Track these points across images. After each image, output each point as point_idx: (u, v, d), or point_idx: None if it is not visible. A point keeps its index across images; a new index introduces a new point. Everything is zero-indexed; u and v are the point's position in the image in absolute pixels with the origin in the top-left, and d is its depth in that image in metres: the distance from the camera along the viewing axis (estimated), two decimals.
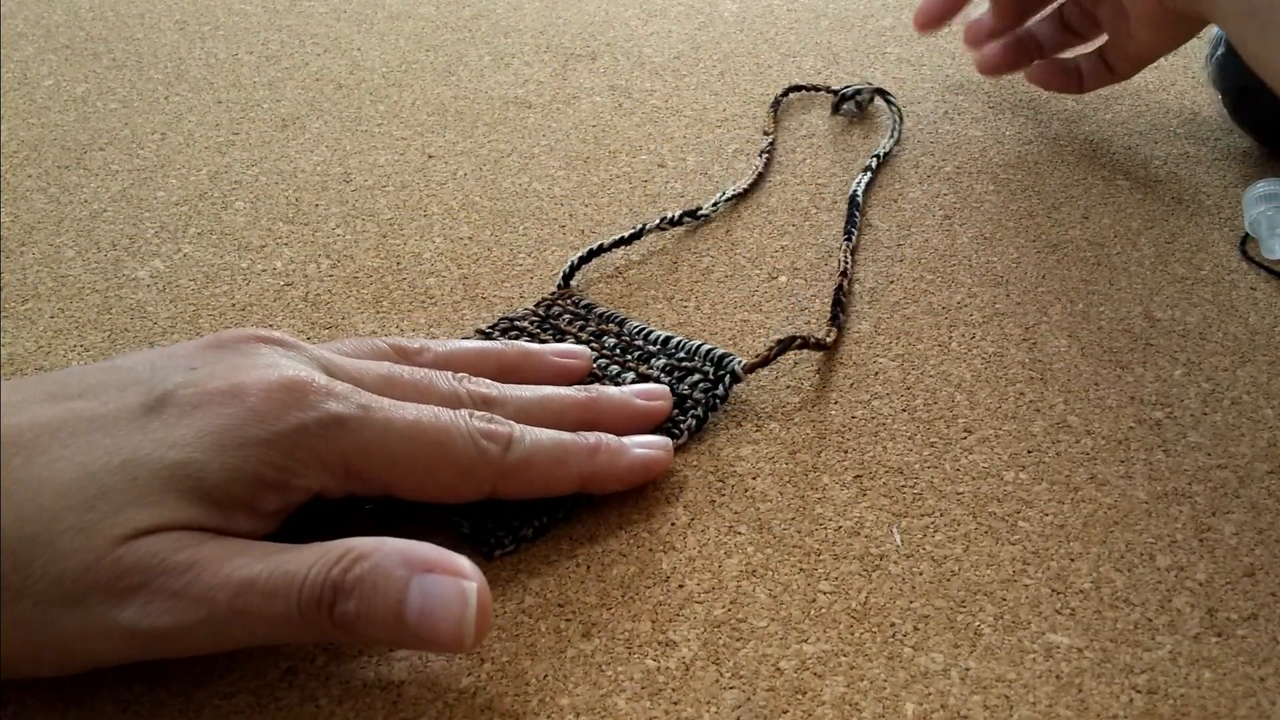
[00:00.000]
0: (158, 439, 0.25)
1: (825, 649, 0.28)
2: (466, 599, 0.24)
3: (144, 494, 0.24)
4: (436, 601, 0.24)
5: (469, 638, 0.24)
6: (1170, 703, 0.26)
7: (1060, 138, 0.52)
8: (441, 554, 0.25)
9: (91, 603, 0.23)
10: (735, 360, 0.35)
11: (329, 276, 0.42)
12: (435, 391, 0.30)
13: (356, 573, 0.24)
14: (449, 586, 0.24)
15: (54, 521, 0.23)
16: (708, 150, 0.51)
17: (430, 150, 0.51)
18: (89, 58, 0.59)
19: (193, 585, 0.24)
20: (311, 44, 0.62)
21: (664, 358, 0.36)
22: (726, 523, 0.31)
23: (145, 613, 0.23)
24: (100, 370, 0.27)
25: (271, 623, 0.24)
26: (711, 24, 0.65)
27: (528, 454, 0.29)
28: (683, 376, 0.35)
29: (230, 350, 0.28)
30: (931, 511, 0.32)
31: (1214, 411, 0.35)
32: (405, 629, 0.24)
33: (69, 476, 0.24)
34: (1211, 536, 0.31)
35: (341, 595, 0.24)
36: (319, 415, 0.26)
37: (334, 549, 0.25)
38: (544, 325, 0.38)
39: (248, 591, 0.24)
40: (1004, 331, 0.39)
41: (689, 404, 0.34)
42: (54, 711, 0.26)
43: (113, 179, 0.48)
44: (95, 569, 0.23)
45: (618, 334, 0.37)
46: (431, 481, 0.28)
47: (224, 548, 0.25)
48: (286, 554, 0.25)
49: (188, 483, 0.25)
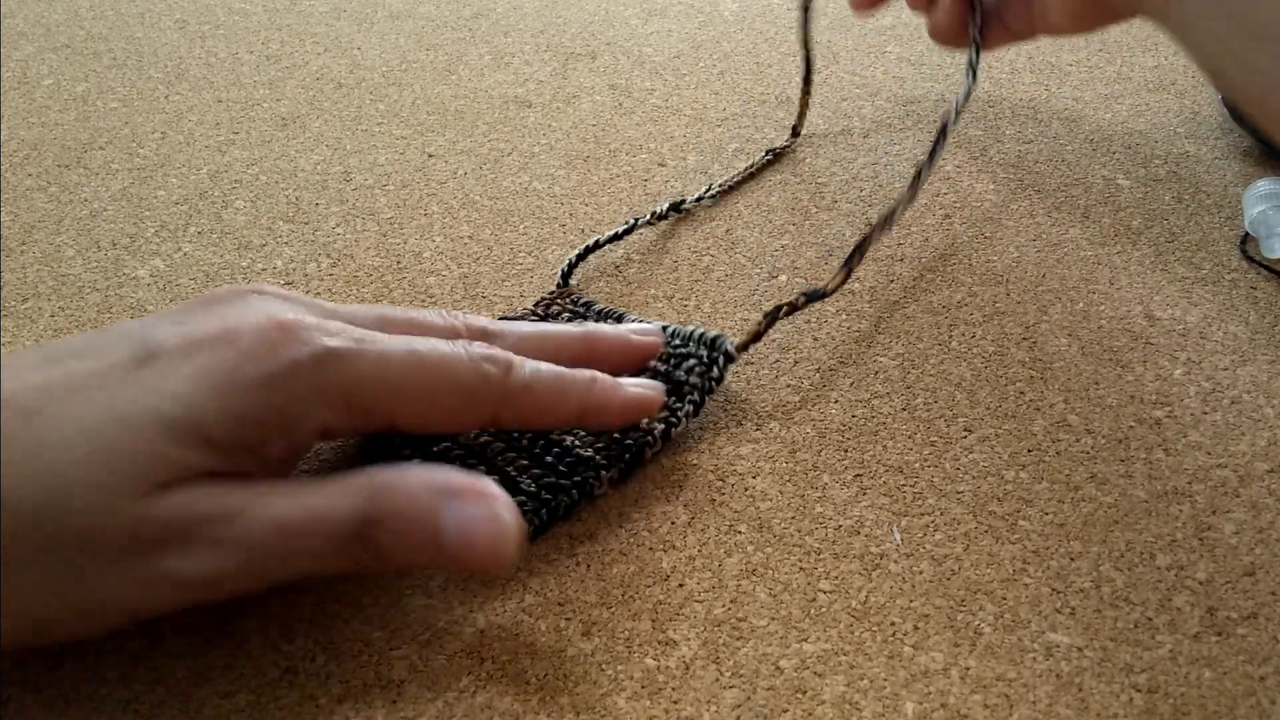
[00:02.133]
0: (151, 388, 0.25)
1: (825, 648, 0.28)
2: (500, 520, 0.25)
3: (151, 447, 0.24)
4: (471, 524, 0.25)
5: (507, 556, 0.25)
6: (1170, 702, 0.26)
7: (1060, 138, 0.52)
8: (467, 478, 0.26)
9: (129, 557, 0.24)
10: (727, 340, 0.35)
11: (329, 275, 0.42)
12: (431, 326, 0.30)
13: (387, 505, 0.25)
14: (480, 508, 0.25)
15: (66, 480, 0.23)
16: (708, 150, 0.51)
17: (430, 149, 0.51)
18: (89, 57, 0.59)
19: (228, 531, 0.24)
20: (311, 43, 0.62)
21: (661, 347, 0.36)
22: (726, 522, 0.31)
23: (185, 562, 0.24)
24: (92, 334, 0.27)
25: (311, 558, 0.25)
26: (711, 24, 0.65)
27: (529, 380, 0.29)
28: (679, 363, 0.35)
29: (221, 302, 0.28)
30: (931, 510, 0.32)
31: (1214, 411, 0.35)
32: (444, 553, 0.25)
33: (68, 435, 0.24)
34: (1211, 536, 0.31)
35: (376, 528, 0.25)
36: (314, 350, 0.26)
37: (359, 481, 0.25)
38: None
39: (283, 532, 0.24)
40: (1004, 331, 0.39)
41: (685, 389, 0.34)
42: (54, 711, 0.26)
43: (113, 178, 0.48)
44: (126, 525, 0.23)
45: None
46: (434, 408, 0.28)
47: (249, 491, 0.25)
48: (315, 491, 0.25)
49: (190, 432, 0.24)
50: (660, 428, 0.33)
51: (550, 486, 0.31)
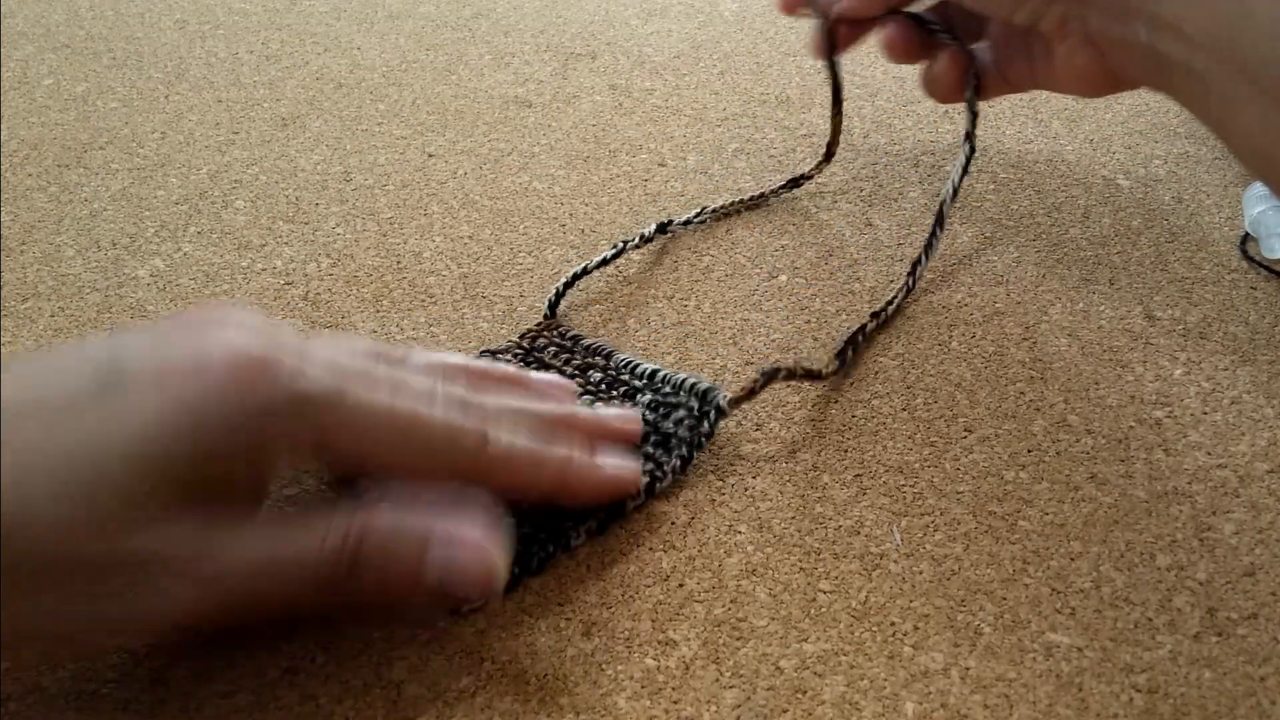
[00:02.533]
0: (121, 420, 0.24)
1: (825, 648, 0.28)
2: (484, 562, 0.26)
3: (119, 484, 0.23)
4: (455, 568, 0.25)
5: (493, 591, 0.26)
6: (1170, 702, 0.26)
7: (1060, 137, 0.52)
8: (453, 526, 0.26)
9: (97, 592, 0.23)
10: (720, 394, 0.34)
11: (329, 275, 0.42)
12: (409, 388, 0.28)
13: (368, 548, 0.25)
14: (466, 552, 0.25)
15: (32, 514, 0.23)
16: (708, 150, 0.51)
17: (430, 149, 0.51)
18: (89, 57, 0.59)
19: (203, 571, 0.24)
20: (311, 43, 0.62)
21: (649, 393, 0.34)
22: (726, 522, 0.31)
23: (153, 600, 0.24)
24: (62, 350, 0.27)
25: (286, 599, 0.25)
26: (711, 24, 0.65)
27: (507, 451, 0.28)
28: (668, 413, 0.34)
29: (196, 325, 0.26)
30: (931, 511, 0.32)
31: (1214, 411, 0.35)
32: (425, 592, 0.25)
33: (34, 465, 0.23)
34: (1211, 536, 0.31)
35: (356, 569, 0.25)
36: (289, 394, 0.25)
37: (342, 523, 0.25)
38: (528, 358, 0.37)
39: (260, 574, 0.24)
40: (1004, 331, 0.39)
41: (673, 442, 0.33)
42: (54, 711, 0.26)
43: (113, 178, 0.48)
44: (93, 560, 0.23)
45: (604, 368, 0.36)
46: (405, 466, 0.27)
47: (225, 531, 0.25)
48: (292, 530, 0.25)
49: (159, 470, 0.24)
50: (645, 480, 0.31)
51: (525, 538, 0.30)
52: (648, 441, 0.33)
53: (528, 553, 0.29)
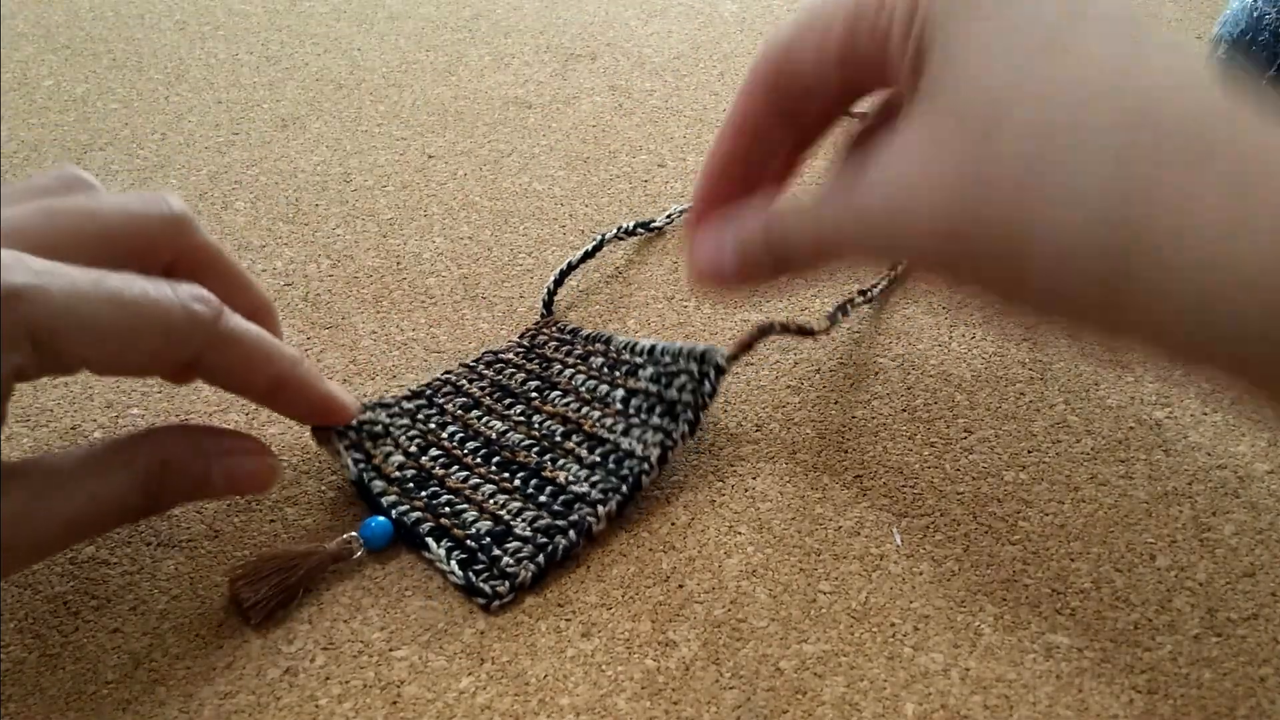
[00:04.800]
0: None
1: (825, 649, 0.28)
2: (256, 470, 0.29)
3: None
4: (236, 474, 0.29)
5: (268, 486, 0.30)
6: (1170, 703, 0.26)
7: None
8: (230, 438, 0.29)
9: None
10: (717, 353, 0.33)
11: (329, 276, 0.42)
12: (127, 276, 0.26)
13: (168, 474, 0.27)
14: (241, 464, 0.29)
15: None
16: (708, 150, 0.51)
17: (430, 150, 0.51)
18: (89, 58, 0.59)
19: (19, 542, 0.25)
20: (311, 44, 0.62)
21: (651, 366, 0.34)
22: (726, 523, 0.31)
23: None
24: None
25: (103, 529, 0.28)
26: (711, 24, 0.65)
27: (240, 331, 0.27)
28: (670, 381, 0.34)
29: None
30: (931, 511, 0.32)
31: (1214, 411, 0.35)
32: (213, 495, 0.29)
33: None
34: (1211, 536, 0.31)
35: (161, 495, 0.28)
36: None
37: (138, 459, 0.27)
38: (529, 355, 0.37)
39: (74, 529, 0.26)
40: (1004, 331, 0.39)
41: (679, 408, 0.33)
42: (54, 711, 0.26)
43: (113, 179, 0.48)
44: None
45: (604, 352, 0.36)
46: (133, 349, 0.25)
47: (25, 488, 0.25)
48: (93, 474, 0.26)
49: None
50: (657, 453, 0.32)
51: (546, 529, 0.30)
52: (654, 413, 0.33)
53: (551, 544, 0.30)
